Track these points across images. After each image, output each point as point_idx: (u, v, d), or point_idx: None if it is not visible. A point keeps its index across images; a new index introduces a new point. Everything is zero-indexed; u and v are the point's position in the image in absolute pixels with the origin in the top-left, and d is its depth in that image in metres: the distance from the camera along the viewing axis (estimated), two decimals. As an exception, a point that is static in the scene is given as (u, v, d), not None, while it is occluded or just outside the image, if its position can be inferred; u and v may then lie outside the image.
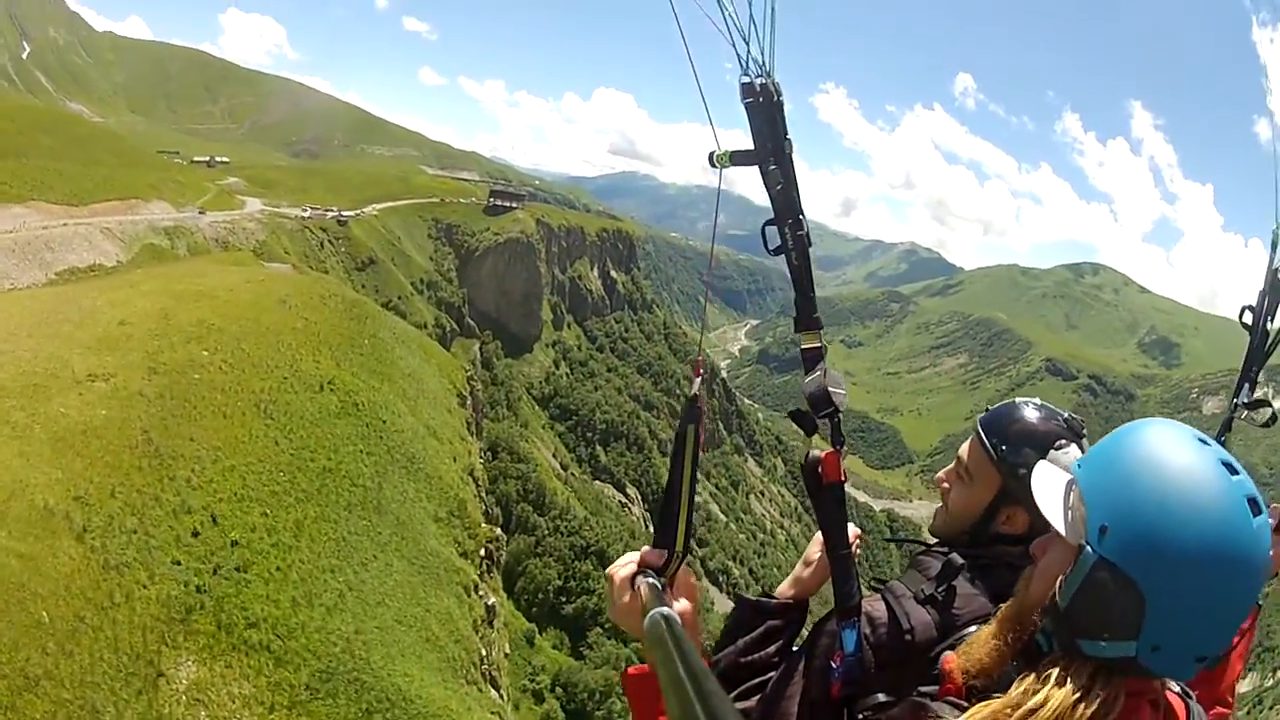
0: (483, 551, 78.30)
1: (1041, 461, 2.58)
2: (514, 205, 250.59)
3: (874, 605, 3.15)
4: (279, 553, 54.61)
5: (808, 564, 3.60)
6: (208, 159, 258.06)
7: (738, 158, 2.81)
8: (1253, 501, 2.23)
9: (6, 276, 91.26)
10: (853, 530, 3.24)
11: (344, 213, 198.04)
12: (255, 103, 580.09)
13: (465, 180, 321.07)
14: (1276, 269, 4.79)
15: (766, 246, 2.89)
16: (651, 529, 2.71)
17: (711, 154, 2.79)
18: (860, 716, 3.01)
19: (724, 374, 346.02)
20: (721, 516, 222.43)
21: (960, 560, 3.21)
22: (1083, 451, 3.17)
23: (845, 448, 3.02)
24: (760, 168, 2.80)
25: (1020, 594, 2.51)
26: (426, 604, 64.70)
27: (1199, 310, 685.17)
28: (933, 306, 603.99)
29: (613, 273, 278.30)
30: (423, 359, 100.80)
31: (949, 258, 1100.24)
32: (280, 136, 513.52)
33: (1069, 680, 2.26)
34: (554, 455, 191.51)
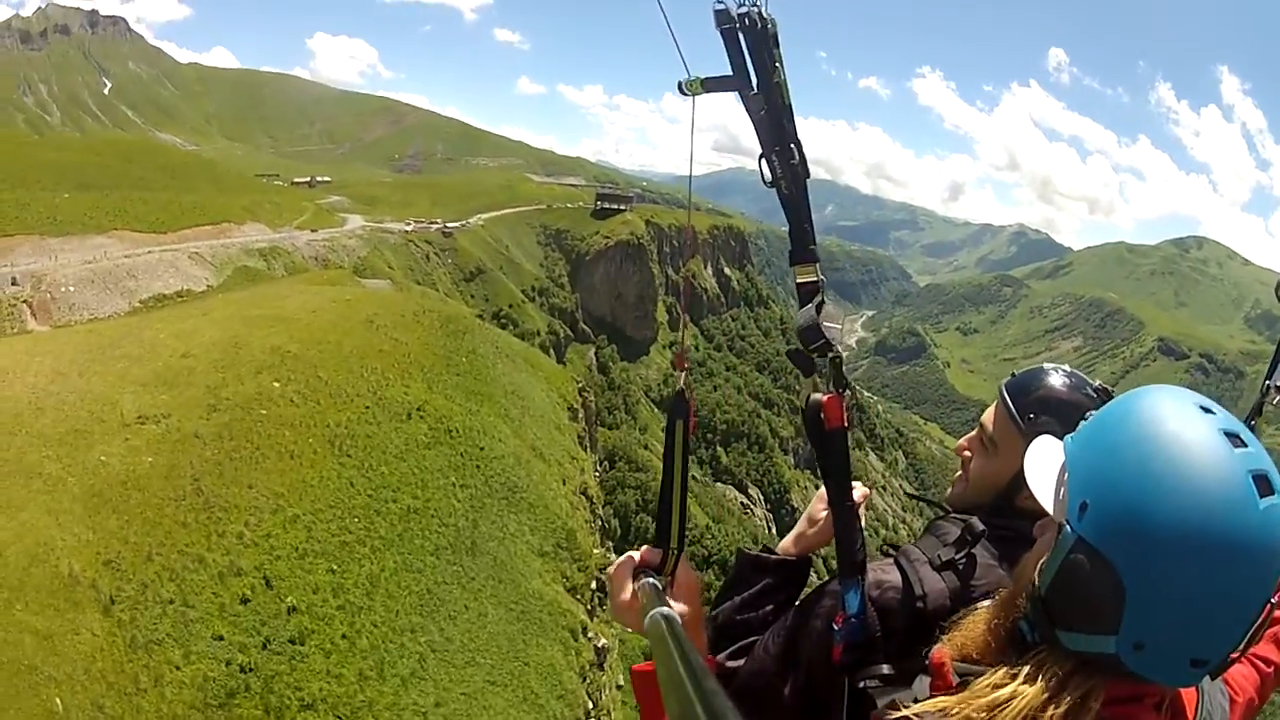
0: (594, 584, 69.80)
1: (1041, 438, 2.47)
2: (622, 207, 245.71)
3: (886, 569, 3.06)
4: (346, 616, 46.87)
5: (812, 521, 3.47)
6: (308, 179, 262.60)
7: (711, 84, 2.67)
8: (1261, 479, 1.97)
9: (86, 307, 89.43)
10: (860, 488, 3.13)
11: (449, 224, 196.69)
12: (353, 122, 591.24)
13: (571, 186, 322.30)
14: None
15: (764, 179, 2.72)
16: (773, 531, 2.72)
17: (680, 83, 2.67)
18: (862, 686, 2.83)
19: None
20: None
21: (981, 526, 3.09)
22: None
23: (849, 392, 2.88)
24: (739, 94, 2.65)
25: (1016, 577, 2.38)
26: (526, 657, 56.69)
27: None
28: (1044, 289, 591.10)
29: (726, 270, 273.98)
30: (529, 373, 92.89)
31: (1057, 238, 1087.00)
32: (382, 154, 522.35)
33: (1040, 676, 2.09)
34: None
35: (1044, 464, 2.23)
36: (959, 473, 3.56)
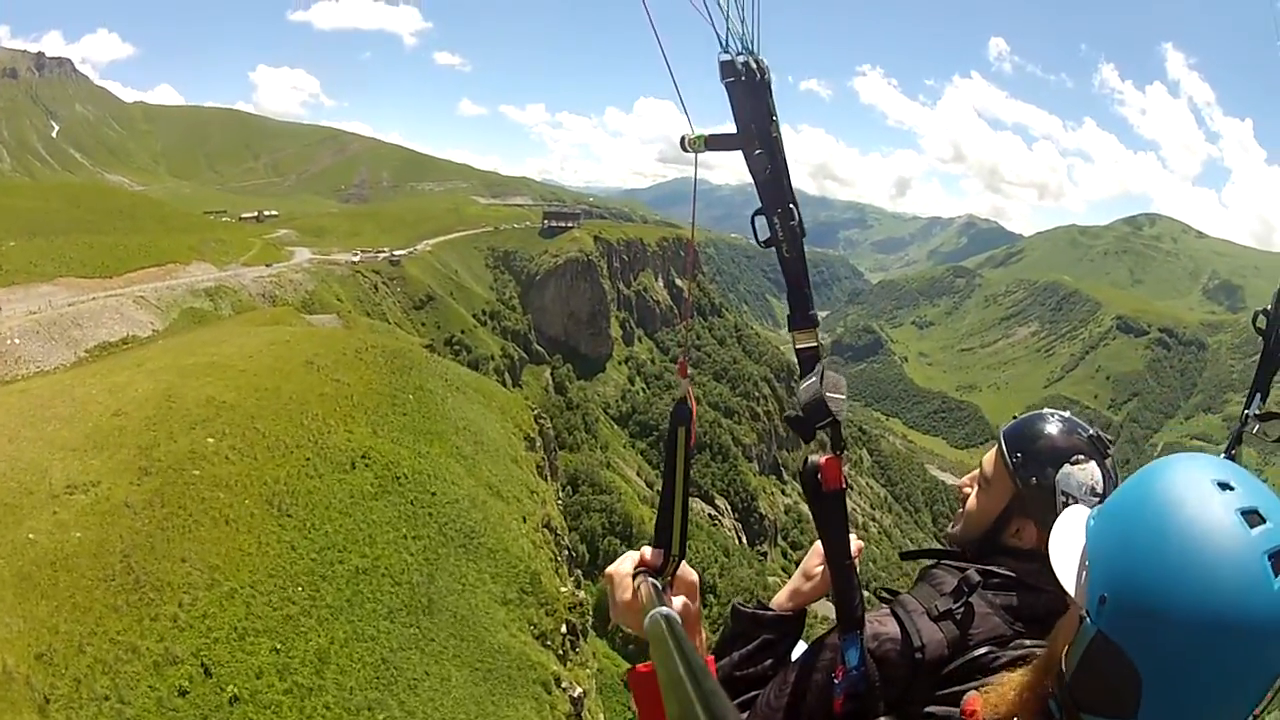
0: (564, 628, 65.63)
1: (1071, 508, 2.48)
2: (570, 225, 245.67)
3: (883, 621, 3.15)
4: (294, 701, 42.46)
5: (807, 576, 3.50)
6: (255, 214, 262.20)
7: (715, 142, 2.63)
8: (1278, 557, 1.98)
9: (32, 360, 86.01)
10: (856, 542, 3.18)
11: (396, 252, 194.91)
12: (298, 154, 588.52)
13: (518, 206, 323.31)
14: None
15: (756, 238, 2.69)
16: (743, 540, 2.84)
17: (684, 138, 2.62)
18: None
19: (799, 370, 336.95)
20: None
21: (977, 577, 3.20)
22: (1103, 469, 3.30)
23: (846, 452, 2.94)
24: (744, 152, 2.58)
25: (1049, 646, 2.40)
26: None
27: (1257, 249, 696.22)
28: (998, 277, 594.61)
29: (678, 281, 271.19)
30: (482, 404, 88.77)
31: (1008, 226, 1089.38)
32: (328, 185, 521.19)
33: None
34: (638, 473, 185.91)
35: (1067, 543, 2.25)
36: (960, 509, 3.68)
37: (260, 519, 51.56)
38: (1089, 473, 3.25)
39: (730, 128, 2.54)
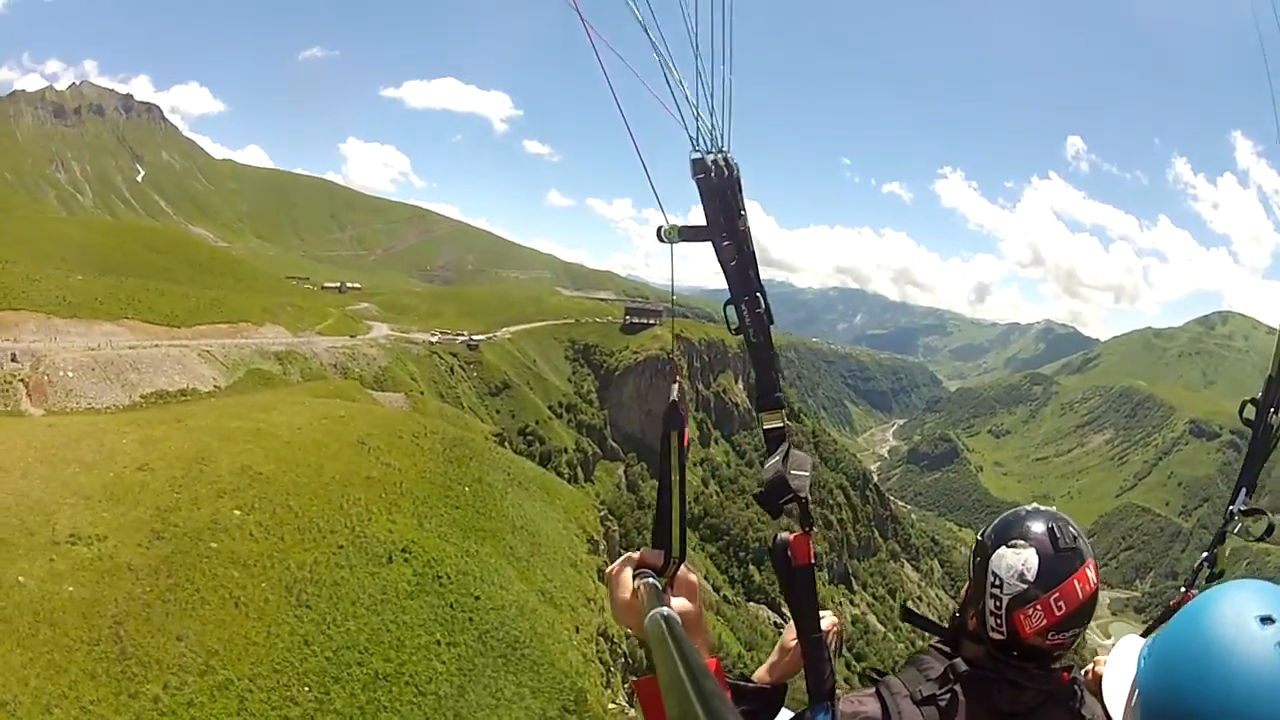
0: (606, 755, 58.80)
1: (1127, 636, 2.65)
2: (651, 322, 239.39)
3: (865, 700, 3.20)
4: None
5: (784, 650, 3.66)
6: (338, 284, 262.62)
7: (687, 233, 2.81)
8: None
9: (84, 395, 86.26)
10: (830, 619, 3.42)
11: (475, 336, 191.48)
12: (385, 230, 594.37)
13: (601, 300, 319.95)
14: None
15: (729, 326, 2.94)
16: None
17: (659, 229, 2.82)
18: None
19: (875, 478, 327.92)
20: (879, 627, 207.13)
21: (964, 668, 3.22)
22: (1043, 560, 3.19)
23: (815, 530, 3.11)
24: (713, 244, 2.80)
25: None
26: None
27: None
28: (1074, 384, 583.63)
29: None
30: (545, 502, 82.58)
31: (1085, 331, 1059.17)
32: (412, 263, 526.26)
33: None
34: (706, 577, 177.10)
35: (1121, 674, 2.39)
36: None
37: (275, 606, 46.17)
38: (1022, 558, 3.18)
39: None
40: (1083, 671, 3.81)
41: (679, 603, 2.68)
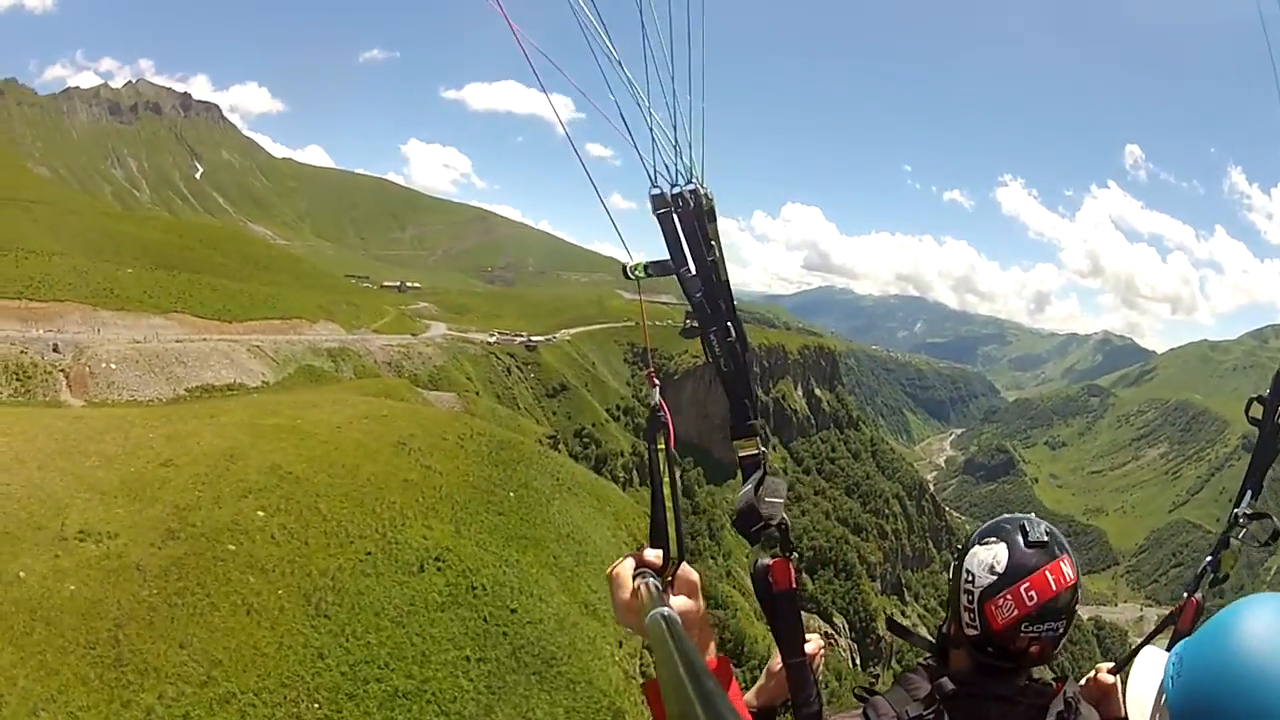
0: (641, 781, 54.71)
1: (1149, 648, 2.66)
2: None
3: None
4: None
5: (770, 674, 3.59)
6: (398, 284, 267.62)
7: (654, 268, 2.85)
8: None
9: (126, 387, 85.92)
10: (815, 642, 3.35)
11: (533, 337, 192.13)
12: (446, 230, 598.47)
13: (663, 304, 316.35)
14: None
15: (707, 354, 2.98)
16: (856, 662, 3.05)
17: (625, 267, 2.85)
18: None
19: (931, 488, 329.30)
20: (931, 639, 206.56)
21: (951, 687, 3.21)
22: (1014, 551, 3.27)
23: (795, 555, 3.11)
24: (677, 276, 2.82)
25: None
26: None
27: None
28: (1130, 396, 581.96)
29: (817, 390, 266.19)
30: (595, 508, 78.99)
31: (1142, 343, 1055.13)
32: (473, 263, 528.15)
33: None
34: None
35: (1147, 687, 2.39)
36: None
37: (291, 615, 42.92)
38: (993, 552, 3.26)
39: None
40: (1083, 680, 3.84)
41: (680, 602, 2.69)
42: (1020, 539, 3.25)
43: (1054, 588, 3.11)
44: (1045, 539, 3.26)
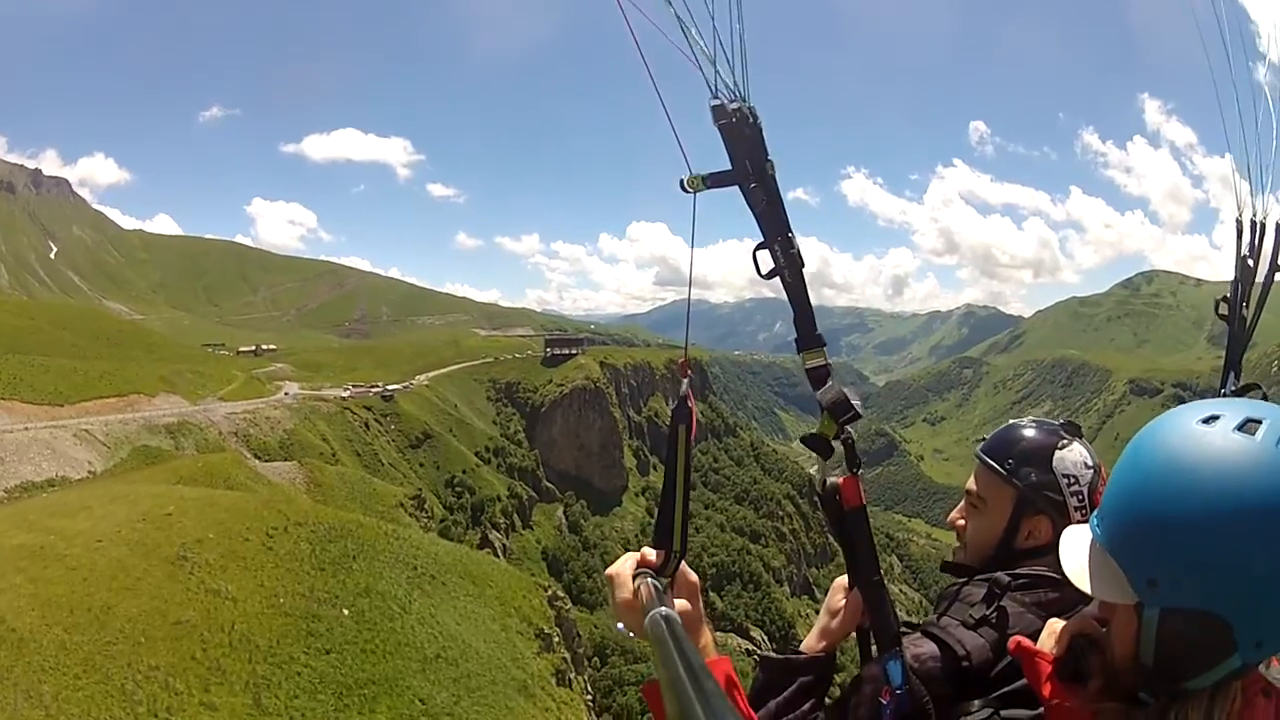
0: None
1: (1067, 529, 2.53)
2: (573, 351, 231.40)
3: (918, 643, 3.10)
4: None
5: (833, 612, 3.35)
6: (254, 348, 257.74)
7: (713, 180, 2.63)
8: None
9: None
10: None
11: (389, 387, 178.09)
12: (298, 288, 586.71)
13: (520, 336, 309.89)
14: (1245, 255, 4.71)
15: (759, 271, 2.73)
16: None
17: (682, 180, 2.64)
18: None
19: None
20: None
21: (1006, 579, 3.19)
22: (1085, 446, 3.43)
23: (861, 470, 3.02)
24: (741, 188, 2.64)
25: (1103, 660, 2.37)
26: None
27: (1255, 281, 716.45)
28: (1004, 362, 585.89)
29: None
30: (472, 598, 56.58)
31: (1007, 310, 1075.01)
32: (328, 319, 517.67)
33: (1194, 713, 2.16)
34: None
35: (1080, 556, 2.27)
36: (957, 544, 3.68)
37: None
38: (1077, 451, 3.34)
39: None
40: None
41: (680, 603, 2.60)
42: (1074, 431, 3.42)
43: None
44: (1078, 426, 3.50)
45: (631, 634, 2.47)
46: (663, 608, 2.10)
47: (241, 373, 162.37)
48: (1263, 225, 4.61)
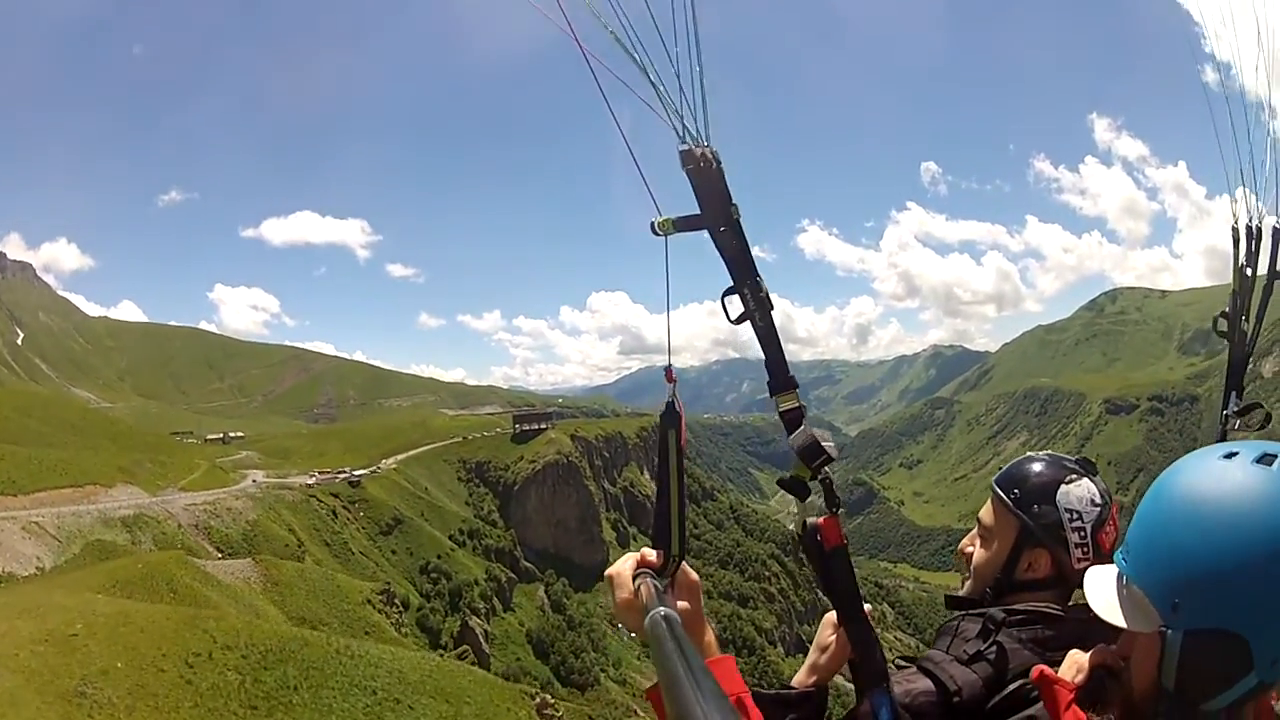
0: None
1: (1090, 570, 2.56)
2: (543, 426, 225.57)
3: (912, 678, 3.14)
4: None
5: (822, 648, 3.39)
6: (221, 435, 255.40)
7: (682, 223, 2.66)
8: None
9: None
10: (866, 606, 3.23)
11: (356, 472, 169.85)
12: (263, 374, 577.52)
13: (488, 414, 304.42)
14: (1243, 265, 4.55)
15: (728, 316, 2.77)
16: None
17: (653, 222, 2.66)
18: None
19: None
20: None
21: (1001, 615, 3.22)
22: (1095, 484, 3.39)
23: (841, 512, 3.01)
24: (710, 232, 2.66)
25: (1125, 687, 2.41)
26: None
27: (1218, 285, 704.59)
28: (975, 399, 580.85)
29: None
30: (446, 717, 49.66)
31: (973, 347, 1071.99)
32: (294, 405, 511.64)
33: None
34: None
35: (1101, 588, 2.32)
36: (966, 573, 3.68)
37: None
38: (1084, 487, 3.33)
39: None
40: None
41: (681, 603, 2.66)
42: (1085, 468, 3.39)
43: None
44: (1093, 463, 3.48)
45: (631, 633, 2.49)
46: (663, 608, 2.11)
47: (206, 461, 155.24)
48: (1259, 230, 4.47)
